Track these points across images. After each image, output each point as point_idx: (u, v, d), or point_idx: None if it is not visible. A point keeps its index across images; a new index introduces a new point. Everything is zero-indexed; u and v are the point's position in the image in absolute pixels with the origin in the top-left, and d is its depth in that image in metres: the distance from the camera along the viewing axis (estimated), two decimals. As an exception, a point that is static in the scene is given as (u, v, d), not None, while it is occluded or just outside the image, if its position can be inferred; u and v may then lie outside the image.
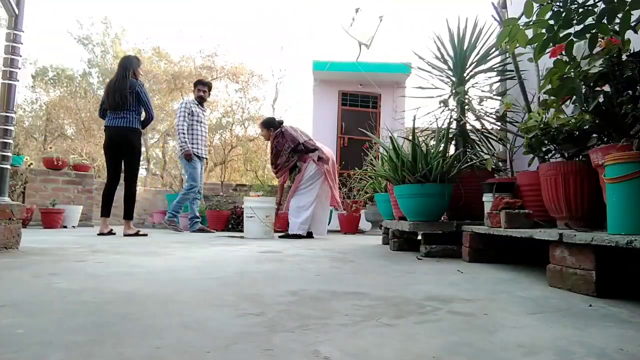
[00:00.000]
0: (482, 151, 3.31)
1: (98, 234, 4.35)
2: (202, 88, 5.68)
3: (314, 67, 7.68)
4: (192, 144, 5.47)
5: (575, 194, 1.86)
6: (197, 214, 5.67)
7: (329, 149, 5.13)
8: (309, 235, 4.98)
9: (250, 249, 3.09)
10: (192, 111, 5.50)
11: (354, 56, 7.61)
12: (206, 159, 5.78)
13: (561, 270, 1.56)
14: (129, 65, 4.49)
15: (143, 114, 4.58)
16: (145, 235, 4.52)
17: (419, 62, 3.57)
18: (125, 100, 4.36)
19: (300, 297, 1.37)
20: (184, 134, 5.44)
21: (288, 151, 4.75)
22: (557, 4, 1.59)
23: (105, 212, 4.46)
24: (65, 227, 5.97)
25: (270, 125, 4.91)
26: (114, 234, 4.42)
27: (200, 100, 5.65)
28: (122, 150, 4.45)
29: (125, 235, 4.36)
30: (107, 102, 4.46)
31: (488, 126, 3.45)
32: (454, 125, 3.37)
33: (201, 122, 5.59)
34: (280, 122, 4.93)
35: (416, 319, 1.11)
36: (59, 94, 13.30)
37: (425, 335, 0.96)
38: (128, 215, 4.50)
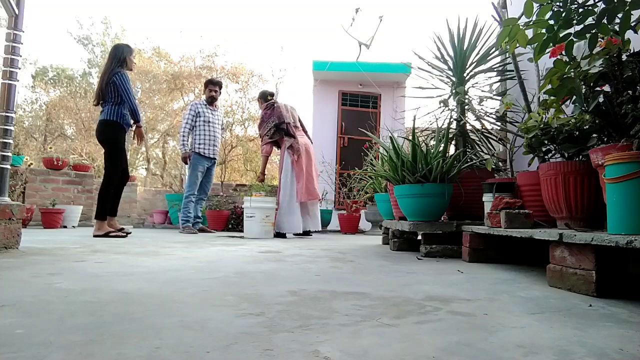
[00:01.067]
0: (482, 151, 3.31)
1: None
2: (213, 88, 5.61)
3: (314, 67, 7.68)
4: (198, 144, 5.43)
5: (575, 194, 1.86)
6: (199, 214, 5.66)
7: (308, 141, 5.20)
8: (307, 233, 5.02)
9: (250, 249, 3.09)
10: (197, 112, 5.48)
11: (354, 56, 7.62)
12: (215, 159, 5.67)
13: (561, 270, 1.56)
14: (117, 54, 4.20)
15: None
16: (123, 236, 4.09)
17: (419, 62, 3.58)
18: (105, 92, 4.12)
19: (300, 297, 1.37)
20: (183, 136, 5.45)
21: (272, 124, 4.99)
22: (557, 4, 1.59)
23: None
24: (65, 227, 5.97)
25: (260, 97, 5.35)
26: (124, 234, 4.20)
27: (211, 100, 5.59)
28: (103, 145, 4.25)
29: (94, 236, 4.02)
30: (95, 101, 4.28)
31: (488, 126, 3.45)
32: (454, 125, 3.37)
33: (209, 122, 5.51)
34: (272, 95, 5.30)
35: (416, 319, 1.11)
36: (59, 94, 13.29)
37: (425, 335, 0.96)
38: (96, 214, 4.14)
